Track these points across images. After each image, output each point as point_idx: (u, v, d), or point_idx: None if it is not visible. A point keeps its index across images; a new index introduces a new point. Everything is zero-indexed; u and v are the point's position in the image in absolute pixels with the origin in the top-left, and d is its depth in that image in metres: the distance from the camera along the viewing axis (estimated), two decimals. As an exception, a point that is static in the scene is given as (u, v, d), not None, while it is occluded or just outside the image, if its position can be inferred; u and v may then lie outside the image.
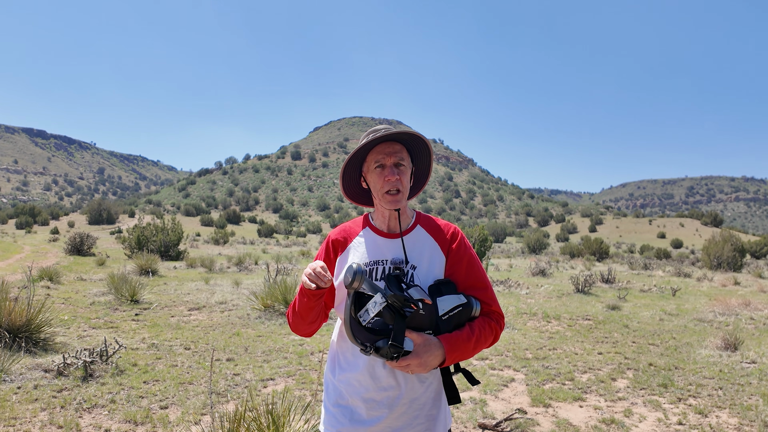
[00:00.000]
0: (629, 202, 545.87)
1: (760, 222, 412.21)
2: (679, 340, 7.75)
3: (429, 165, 1.97)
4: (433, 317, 1.70)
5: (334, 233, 1.99)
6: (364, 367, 1.80)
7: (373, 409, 1.80)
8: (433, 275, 1.84)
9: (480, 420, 4.33)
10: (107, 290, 10.33)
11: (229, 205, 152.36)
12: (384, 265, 1.85)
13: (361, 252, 1.90)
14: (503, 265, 24.00)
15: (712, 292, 14.30)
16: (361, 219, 2.02)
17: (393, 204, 1.84)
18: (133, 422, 4.09)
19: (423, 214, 2.00)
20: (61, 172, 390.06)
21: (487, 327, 1.80)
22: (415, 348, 1.64)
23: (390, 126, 1.86)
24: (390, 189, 1.83)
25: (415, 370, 1.65)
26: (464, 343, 1.71)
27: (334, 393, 1.90)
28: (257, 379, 5.30)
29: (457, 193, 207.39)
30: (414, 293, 1.67)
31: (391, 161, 1.83)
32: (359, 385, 1.81)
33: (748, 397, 5.12)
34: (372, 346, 1.63)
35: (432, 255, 1.87)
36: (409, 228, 1.92)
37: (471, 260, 1.89)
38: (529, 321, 9.05)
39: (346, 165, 1.91)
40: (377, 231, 1.93)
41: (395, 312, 1.61)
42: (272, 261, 20.76)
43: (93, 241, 23.73)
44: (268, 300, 8.74)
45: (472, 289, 1.85)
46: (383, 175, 1.83)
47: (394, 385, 1.78)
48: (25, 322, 5.97)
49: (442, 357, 1.67)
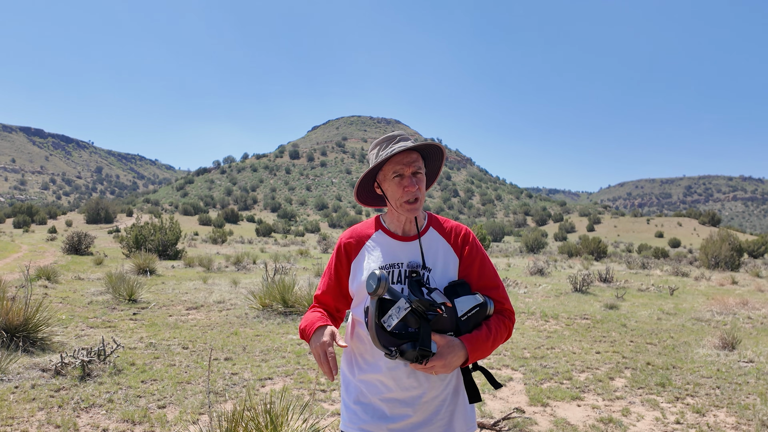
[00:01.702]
0: (627, 201, 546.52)
1: (757, 221, 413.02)
2: (677, 340, 7.77)
3: (439, 167, 2.00)
4: (453, 319, 1.74)
5: (346, 236, 1.99)
6: (386, 369, 1.82)
7: (396, 408, 1.83)
8: (447, 277, 1.87)
9: (478, 419, 4.34)
10: (105, 289, 10.32)
11: (228, 205, 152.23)
12: (400, 269, 1.87)
13: (376, 255, 1.91)
14: (501, 264, 24.02)
15: (709, 292, 14.33)
16: (372, 221, 2.02)
17: (412, 213, 1.87)
18: (130, 422, 4.08)
19: (434, 215, 2.01)
20: (58, 171, 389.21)
21: (502, 325, 1.85)
22: (439, 350, 1.68)
23: (404, 133, 1.89)
24: (409, 198, 1.85)
25: (440, 371, 1.69)
26: (483, 342, 1.76)
27: (355, 391, 1.91)
28: (255, 378, 5.30)
29: (456, 192, 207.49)
30: (437, 297, 1.72)
31: (410, 171, 1.86)
32: (381, 386, 1.84)
33: (745, 396, 5.13)
34: (397, 350, 1.65)
35: (446, 257, 1.90)
36: (422, 231, 1.94)
37: (483, 260, 1.93)
38: (527, 320, 9.06)
39: (366, 174, 1.93)
40: (391, 234, 1.94)
41: (419, 316, 1.64)
42: (270, 260, 20.75)
43: (91, 241, 23.70)
44: (266, 299, 8.74)
45: (485, 288, 1.89)
46: (402, 185, 1.85)
47: (415, 385, 1.82)
48: (22, 322, 5.96)
49: (464, 357, 1.71)
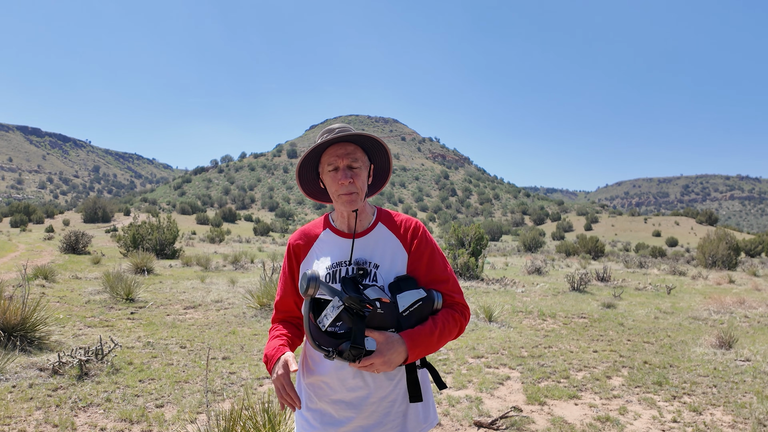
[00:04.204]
0: (625, 200, 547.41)
1: (754, 220, 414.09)
2: (674, 338, 7.79)
3: (389, 162, 1.94)
4: (394, 315, 1.70)
5: (294, 238, 1.97)
6: (332, 370, 1.79)
7: (343, 410, 1.80)
8: (395, 272, 1.82)
9: (475, 418, 4.35)
10: (102, 289, 10.31)
11: (225, 204, 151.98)
12: (347, 267, 1.83)
13: (324, 254, 1.88)
14: (499, 263, 24.04)
15: (706, 291, 14.36)
16: (321, 220, 1.99)
17: (349, 205, 1.82)
18: (128, 421, 4.08)
19: (385, 210, 1.97)
20: (56, 170, 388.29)
21: (451, 319, 1.79)
22: (378, 347, 1.64)
23: (346, 126, 1.84)
24: (343, 192, 1.81)
25: (380, 368, 1.65)
26: (427, 337, 1.71)
27: (305, 397, 1.89)
28: (253, 377, 5.30)
29: (453, 191, 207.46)
30: (371, 293, 1.67)
31: (344, 163, 1.81)
32: (327, 388, 1.81)
33: (742, 395, 5.15)
34: (335, 350, 1.62)
35: (394, 252, 1.85)
36: (371, 227, 1.90)
37: (432, 253, 1.88)
38: (524, 319, 9.08)
39: (300, 167, 1.89)
40: (338, 232, 1.91)
41: (354, 314, 1.61)
42: (268, 259, 20.75)
43: (88, 240, 23.63)
44: (264, 298, 8.74)
45: (434, 282, 1.84)
46: (336, 178, 1.81)
47: (361, 385, 1.78)
48: (20, 321, 5.95)
49: (405, 353, 1.67)
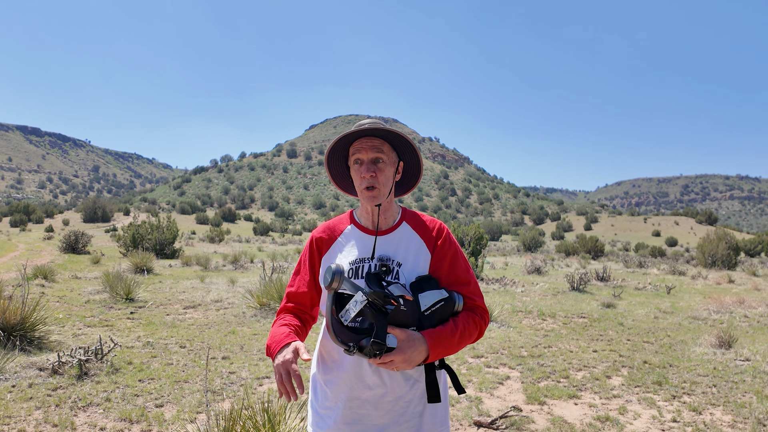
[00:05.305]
0: (624, 200, 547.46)
1: (754, 220, 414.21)
2: (674, 338, 7.79)
3: (418, 162, 1.92)
4: (415, 313, 1.70)
5: (318, 231, 1.97)
6: (350, 367, 1.79)
7: (359, 408, 1.79)
8: (417, 271, 1.82)
9: (475, 418, 4.35)
10: (102, 288, 10.30)
11: (225, 203, 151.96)
12: (370, 263, 1.82)
13: (347, 249, 1.88)
14: (499, 263, 24.03)
15: (706, 290, 14.37)
16: (346, 215, 1.99)
17: (371, 200, 1.81)
18: (128, 420, 4.08)
19: (410, 210, 1.97)
20: (55, 170, 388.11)
21: (471, 322, 1.78)
22: (399, 344, 1.63)
23: (378, 121, 1.82)
24: (366, 185, 1.80)
25: (400, 366, 1.64)
26: (448, 338, 1.70)
27: (321, 393, 1.89)
28: (253, 377, 5.30)
29: (453, 191, 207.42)
30: (394, 290, 1.67)
31: (369, 157, 1.80)
32: (345, 385, 1.80)
33: (741, 395, 5.15)
34: (355, 345, 1.62)
35: (418, 251, 1.85)
36: (395, 225, 1.90)
37: (455, 256, 1.88)
38: (524, 319, 9.08)
39: (328, 158, 1.90)
40: (362, 228, 1.91)
41: (376, 310, 1.61)
42: (268, 259, 20.75)
43: (88, 240, 23.62)
44: (263, 298, 8.74)
45: (455, 284, 1.84)
46: (360, 171, 1.81)
47: (379, 383, 1.77)
48: (19, 321, 5.95)
49: (426, 352, 1.66)
